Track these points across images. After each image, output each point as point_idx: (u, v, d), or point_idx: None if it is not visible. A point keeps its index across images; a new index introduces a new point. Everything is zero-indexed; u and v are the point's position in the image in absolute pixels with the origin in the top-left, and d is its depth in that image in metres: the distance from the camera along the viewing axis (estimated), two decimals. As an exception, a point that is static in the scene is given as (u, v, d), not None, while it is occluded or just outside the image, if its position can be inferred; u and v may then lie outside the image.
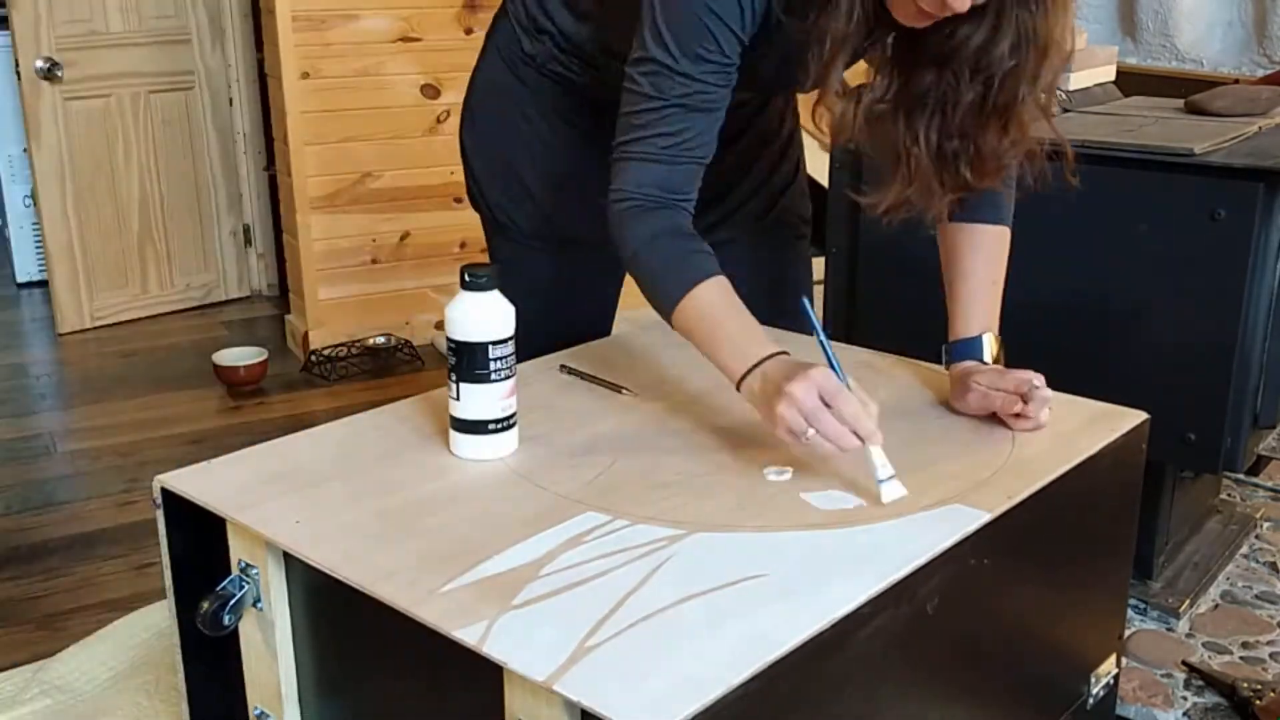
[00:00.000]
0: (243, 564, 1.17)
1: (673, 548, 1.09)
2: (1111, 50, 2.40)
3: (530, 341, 1.43)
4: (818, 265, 3.02)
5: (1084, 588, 1.39)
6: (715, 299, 1.28)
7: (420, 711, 1.11)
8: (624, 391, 1.48)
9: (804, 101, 1.42)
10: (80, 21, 3.73)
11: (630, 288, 1.45)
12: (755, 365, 1.23)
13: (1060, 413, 1.37)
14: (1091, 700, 1.42)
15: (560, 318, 1.67)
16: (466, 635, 0.94)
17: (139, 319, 3.99)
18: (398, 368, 3.49)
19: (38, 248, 4.24)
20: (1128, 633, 1.89)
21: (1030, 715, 1.35)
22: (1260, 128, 1.95)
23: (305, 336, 3.57)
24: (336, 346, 3.53)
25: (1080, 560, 1.36)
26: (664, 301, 1.29)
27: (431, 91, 3.56)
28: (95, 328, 3.90)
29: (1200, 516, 2.21)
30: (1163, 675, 1.82)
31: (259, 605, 1.17)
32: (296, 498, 1.19)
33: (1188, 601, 1.97)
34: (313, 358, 3.49)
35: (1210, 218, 1.74)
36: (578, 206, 1.53)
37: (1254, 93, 2.08)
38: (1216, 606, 2.01)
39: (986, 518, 1.14)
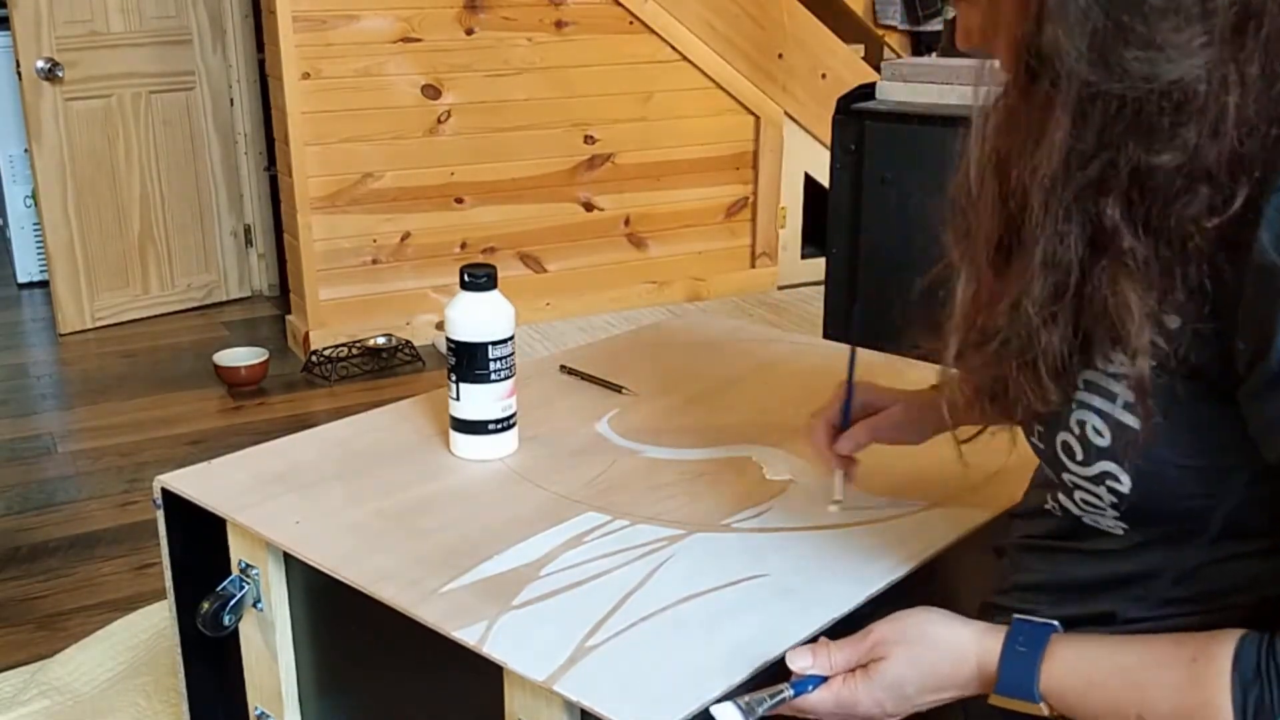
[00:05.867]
0: (243, 564, 1.17)
1: (673, 548, 1.09)
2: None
3: None
4: (818, 265, 3.02)
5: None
6: None
7: (420, 712, 1.11)
8: (624, 391, 1.48)
9: (807, 102, 1.39)
10: (81, 22, 3.73)
11: (628, 289, 1.44)
12: None
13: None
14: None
15: None
16: (467, 636, 0.94)
17: (140, 319, 3.99)
18: (398, 368, 3.49)
19: (39, 248, 4.25)
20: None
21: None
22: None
23: (306, 337, 3.57)
24: (337, 347, 3.53)
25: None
26: None
27: (432, 92, 3.56)
28: (96, 328, 3.90)
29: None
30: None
31: (259, 606, 1.17)
32: (296, 498, 1.19)
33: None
34: (313, 358, 3.49)
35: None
36: None
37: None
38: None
39: (986, 518, 1.14)
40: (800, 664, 0.88)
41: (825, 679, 0.87)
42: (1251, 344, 0.72)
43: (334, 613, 1.15)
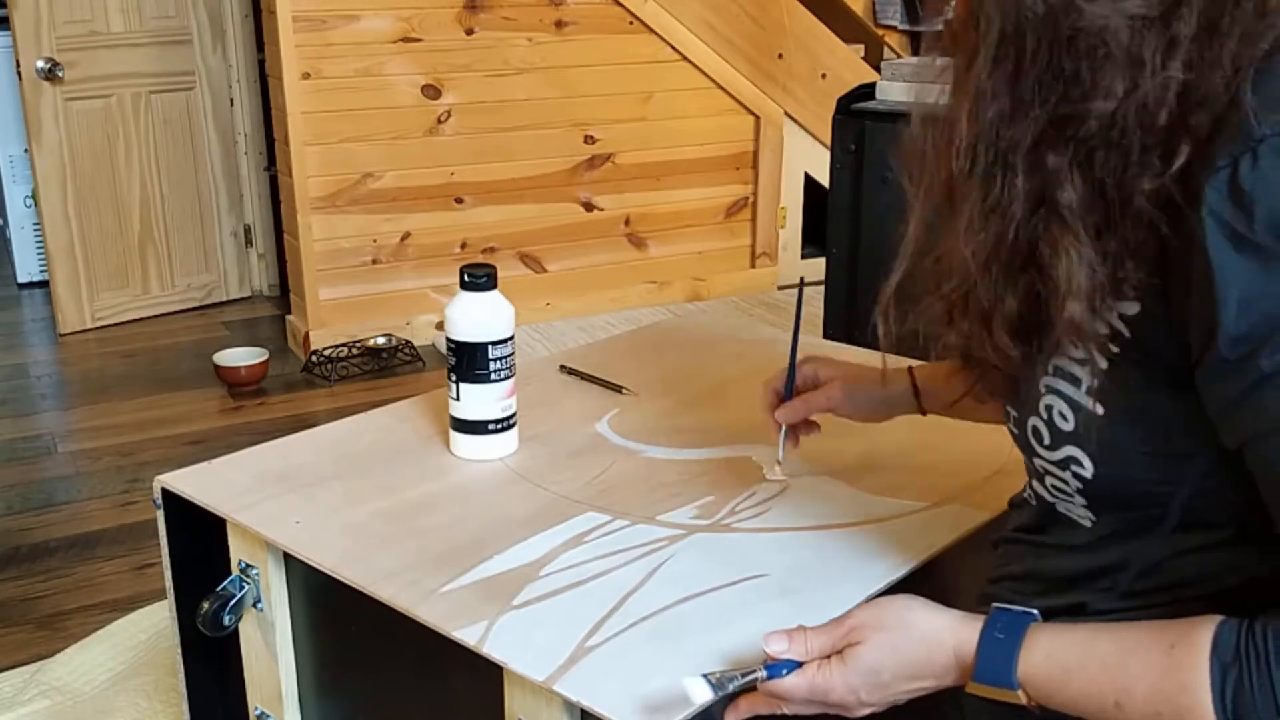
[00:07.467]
0: (243, 564, 1.17)
1: (673, 548, 1.09)
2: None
3: None
4: (818, 265, 3.02)
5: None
6: None
7: (420, 712, 1.11)
8: (624, 391, 1.48)
9: (807, 102, 1.40)
10: (81, 22, 3.73)
11: (628, 289, 1.44)
12: None
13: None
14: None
15: None
16: (467, 635, 0.94)
17: (140, 319, 3.99)
18: (398, 368, 3.49)
19: (39, 248, 4.24)
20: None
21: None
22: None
23: (306, 337, 3.57)
24: (337, 347, 3.53)
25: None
26: None
27: (432, 92, 3.56)
28: (96, 328, 3.90)
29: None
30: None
31: (259, 605, 1.17)
32: (296, 498, 1.19)
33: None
34: (313, 358, 3.49)
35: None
36: None
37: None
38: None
39: (986, 518, 1.14)
40: (776, 647, 0.87)
41: (801, 664, 0.86)
42: (1203, 330, 0.73)
43: (334, 613, 1.15)
